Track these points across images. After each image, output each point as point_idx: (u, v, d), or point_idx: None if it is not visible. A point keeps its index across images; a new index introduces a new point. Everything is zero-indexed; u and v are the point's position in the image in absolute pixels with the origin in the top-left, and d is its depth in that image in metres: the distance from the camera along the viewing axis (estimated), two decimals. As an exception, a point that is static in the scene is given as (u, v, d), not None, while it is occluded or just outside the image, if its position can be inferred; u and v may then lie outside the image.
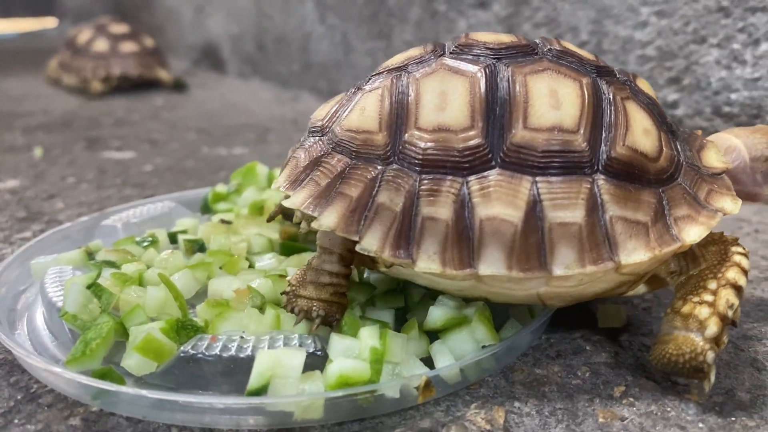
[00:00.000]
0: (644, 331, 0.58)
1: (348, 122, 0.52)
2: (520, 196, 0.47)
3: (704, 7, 0.91)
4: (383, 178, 0.49)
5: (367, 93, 0.53)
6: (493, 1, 1.25)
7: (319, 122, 0.55)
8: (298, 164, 0.53)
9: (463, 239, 0.47)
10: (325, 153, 0.52)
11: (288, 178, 0.53)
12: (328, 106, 0.56)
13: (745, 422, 0.46)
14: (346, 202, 0.49)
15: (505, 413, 0.47)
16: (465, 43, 0.53)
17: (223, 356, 0.47)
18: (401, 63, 0.53)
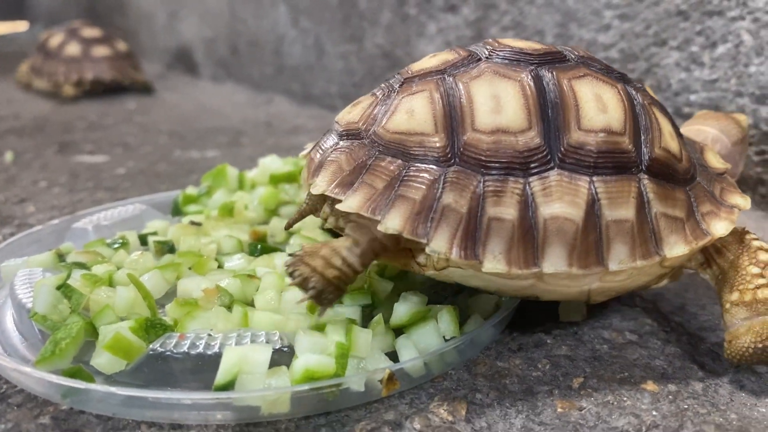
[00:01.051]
0: (603, 325, 0.60)
1: (394, 125, 0.52)
2: (580, 195, 0.50)
3: (664, 10, 0.93)
4: (446, 180, 0.49)
5: (410, 95, 0.53)
6: (462, 5, 1.27)
7: (353, 125, 0.54)
8: (342, 167, 0.52)
9: (528, 239, 0.49)
10: (372, 155, 0.51)
11: (333, 182, 0.51)
12: (358, 108, 0.55)
13: (697, 409, 0.48)
14: (409, 204, 0.49)
15: (467, 405, 0.49)
16: (500, 48, 0.55)
17: (191, 353, 0.48)
18: (438, 67, 0.54)
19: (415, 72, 0.55)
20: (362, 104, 0.56)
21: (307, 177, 0.55)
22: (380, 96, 0.55)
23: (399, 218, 0.48)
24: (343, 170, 0.51)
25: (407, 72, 0.56)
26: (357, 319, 0.53)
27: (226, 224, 0.72)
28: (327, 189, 0.51)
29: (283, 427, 0.46)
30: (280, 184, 0.82)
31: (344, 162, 0.52)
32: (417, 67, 0.56)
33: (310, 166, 0.55)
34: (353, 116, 0.55)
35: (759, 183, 0.88)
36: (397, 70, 1.46)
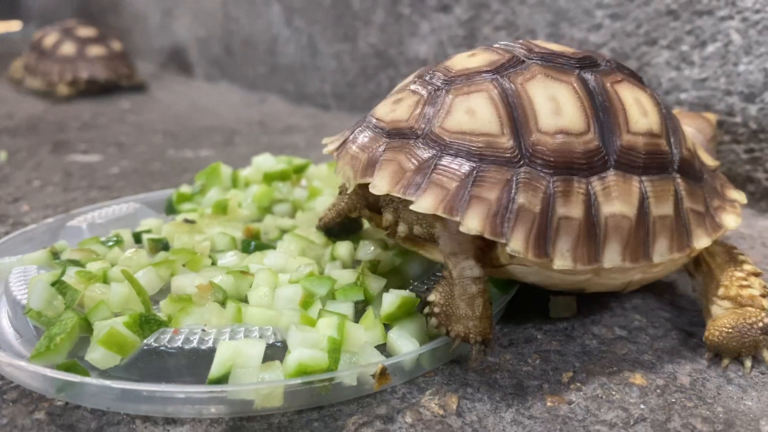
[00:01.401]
0: (593, 321, 0.61)
1: (454, 125, 0.51)
2: (633, 194, 0.53)
3: (655, 10, 0.94)
4: (518, 181, 0.50)
5: (465, 95, 0.52)
6: (455, 5, 1.28)
7: (401, 123, 0.53)
8: (402, 166, 0.50)
9: (591, 236, 0.51)
10: (435, 155, 0.51)
11: (397, 182, 0.50)
12: (403, 106, 0.54)
13: (684, 403, 0.49)
14: (485, 204, 0.48)
15: (458, 399, 0.49)
16: (538, 50, 0.56)
17: (185, 348, 0.49)
18: (485, 67, 0.54)
19: (459, 71, 0.54)
20: (405, 102, 0.54)
21: (353, 176, 0.53)
22: (425, 95, 0.54)
23: (477, 218, 0.48)
24: (405, 170, 0.50)
25: (447, 71, 0.55)
26: (350, 314, 0.54)
27: (220, 222, 0.73)
28: (393, 189, 0.50)
29: (276, 421, 0.47)
30: (274, 182, 0.83)
31: (404, 161, 0.51)
32: (459, 66, 0.55)
33: (354, 164, 0.53)
34: (400, 114, 0.54)
35: (748, 181, 0.89)
36: (390, 69, 1.47)
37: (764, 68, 0.84)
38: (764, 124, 0.85)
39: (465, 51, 0.59)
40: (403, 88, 0.57)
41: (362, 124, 0.57)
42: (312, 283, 0.57)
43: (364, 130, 0.55)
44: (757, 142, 0.86)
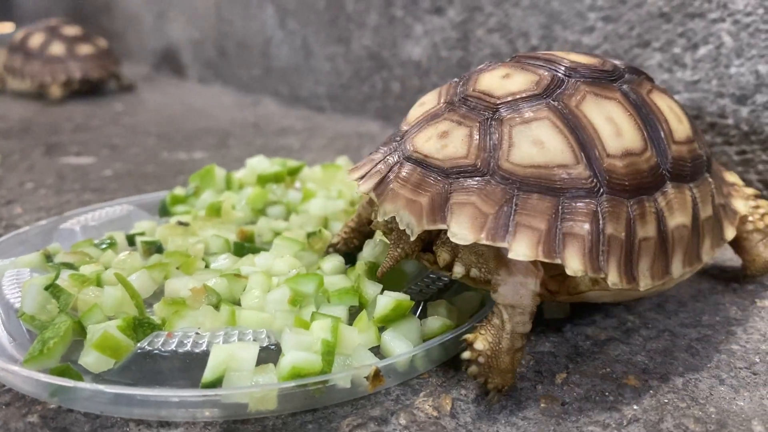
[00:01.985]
0: (586, 322, 0.61)
1: (525, 158, 0.49)
2: (687, 202, 0.54)
3: (647, 12, 0.95)
4: (603, 211, 0.48)
5: (525, 124, 0.50)
6: (448, 8, 1.28)
7: (461, 160, 0.49)
8: (480, 209, 0.47)
9: (662, 251, 0.52)
10: (513, 194, 0.48)
11: (480, 228, 0.47)
12: (456, 140, 0.50)
13: (677, 404, 0.49)
14: (579, 242, 0.47)
15: (452, 401, 0.49)
16: (574, 66, 0.54)
17: (179, 352, 0.49)
18: (532, 89, 0.52)
19: (503, 96, 0.52)
20: (456, 135, 0.51)
21: (416, 222, 0.48)
22: (476, 126, 0.51)
23: (577, 258, 0.47)
24: (484, 213, 0.47)
25: (488, 96, 0.52)
26: (344, 317, 0.54)
27: (214, 224, 0.73)
28: (479, 237, 0.46)
29: (270, 424, 0.47)
30: (268, 185, 0.83)
31: (479, 204, 0.47)
32: (500, 90, 0.52)
33: (413, 208, 0.49)
34: (456, 150, 0.50)
35: (740, 182, 0.89)
36: (384, 71, 1.47)
37: (756, 70, 0.84)
38: (756, 126, 0.85)
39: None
40: (433, 116, 0.53)
41: (399, 157, 0.52)
42: (298, 283, 0.57)
43: (409, 166, 0.51)
44: (748, 144, 0.87)
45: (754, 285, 0.69)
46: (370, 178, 0.53)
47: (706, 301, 0.65)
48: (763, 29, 0.82)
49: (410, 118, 0.57)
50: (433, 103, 0.56)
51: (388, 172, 0.52)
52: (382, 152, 0.55)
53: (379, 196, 0.51)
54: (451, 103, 0.54)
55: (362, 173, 0.54)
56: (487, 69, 0.56)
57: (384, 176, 0.52)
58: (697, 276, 0.71)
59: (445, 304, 0.56)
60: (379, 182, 0.52)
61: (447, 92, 0.56)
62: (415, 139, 0.52)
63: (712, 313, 0.63)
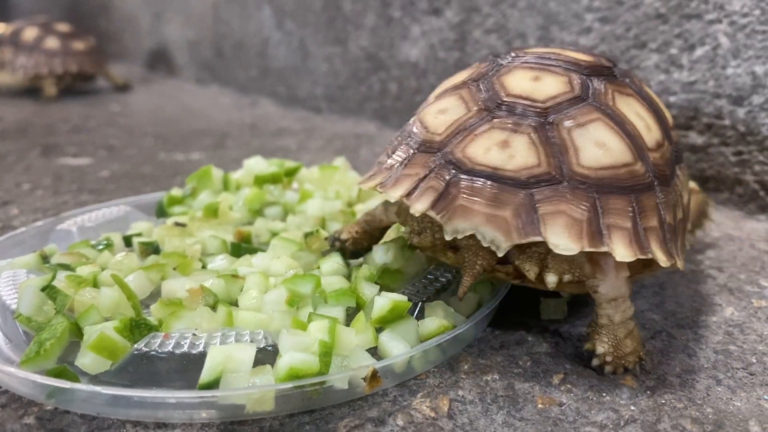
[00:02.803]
0: (584, 323, 0.61)
1: (593, 161, 0.50)
2: (687, 182, 0.60)
3: (644, 13, 0.95)
4: (660, 202, 0.52)
5: (582, 127, 0.51)
6: (446, 8, 1.28)
7: (536, 169, 0.49)
8: (574, 217, 0.48)
9: (683, 231, 0.57)
10: (593, 197, 0.49)
11: (579, 236, 0.47)
12: (523, 149, 0.50)
13: (674, 404, 0.49)
14: (658, 234, 0.50)
15: (450, 401, 0.49)
16: (586, 65, 0.56)
17: (176, 353, 0.49)
18: (571, 91, 0.53)
19: (547, 100, 0.52)
20: (518, 145, 0.50)
21: (505, 237, 0.47)
22: (532, 132, 0.50)
23: (661, 252, 0.50)
24: (577, 220, 0.48)
25: (530, 100, 0.52)
26: (341, 318, 0.54)
27: (211, 225, 0.73)
28: (582, 246, 0.47)
29: (268, 425, 0.47)
30: (265, 185, 0.83)
31: (570, 211, 0.48)
32: (542, 95, 0.53)
33: (498, 224, 0.48)
34: (526, 160, 0.49)
35: (736, 183, 0.90)
36: (382, 72, 1.47)
37: (752, 71, 0.84)
38: (752, 127, 0.86)
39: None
40: (474, 124, 0.52)
41: (454, 171, 0.50)
42: (296, 284, 0.57)
43: (475, 180, 0.49)
44: (745, 144, 0.87)
45: (751, 286, 0.69)
46: (422, 195, 0.50)
47: (703, 302, 0.65)
48: (759, 30, 0.83)
49: (437, 127, 0.54)
50: (460, 110, 0.54)
51: (446, 187, 0.50)
52: (420, 165, 0.52)
53: (444, 214, 0.49)
54: (489, 110, 0.53)
55: (406, 189, 0.51)
56: (506, 72, 0.56)
57: (442, 193, 0.50)
58: (694, 277, 0.71)
59: (442, 305, 0.56)
60: (437, 199, 0.50)
61: (473, 98, 0.54)
62: (467, 150, 0.51)
63: (709, 313, 0.63)
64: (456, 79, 0.60)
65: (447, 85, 0.60)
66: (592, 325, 0.53)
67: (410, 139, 0.56)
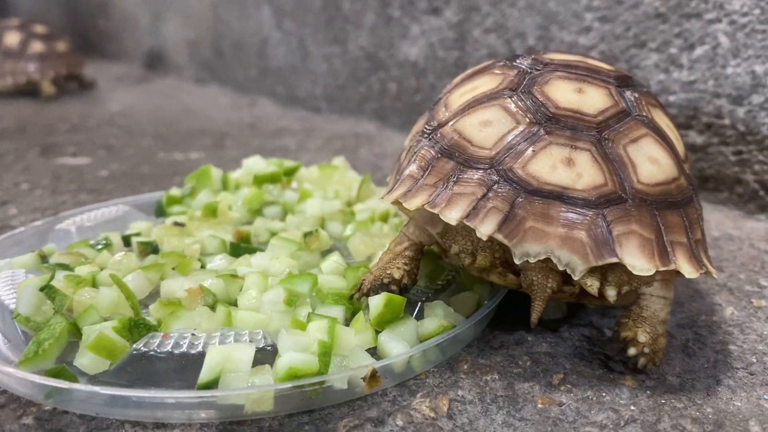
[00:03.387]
0: (583, 322, 0.61)
1: (650, 177, 0.51)
2: None
3: (643, 13, 0.95)
4: (699, 213, 0.54)
5: (634, 143, 0.51)
6: (445, 8, 1.28)
7: (604, 188, 0.49)
8: (645, 237, 0.48)
9: None
10: (655, 214, 0.50)
11: (652, 257, 0.48)
12: (586, 167, 0.49)
13: (674, 404, 0.49)
14: (704, 246, 0.54)
15: (449, 401, 0.49)
16: (615, 75, 0.56)
17: (175, 353, 0.48)
18: (616, 105, 0.53)
19: (598, 114, 0.52)
20: (582, 161, 0.50)
21: (582, 260, 0.47)
22: (595, 149, 0.50)
23: (711, 265, 0.53)
24: (648, 239, 0.48)
25: (581, 114, 0.52)
26: (339, 318, 0.54)
27: (210, 225, 0.72)
28: (656, 265, 0.48)
29: (267, 426, 0.47)
30: (264, 185, 0.83)
31: (640, 230, 0.48)
32: (590, 109, 0.52)
33: (574, 246, 0.47)
34: (594, 179, 0.49)
35: (736, 182, 0.90)
36: (381, 71, 1.47)
37: (752, 71, 0.84)
38: (752, 127, 0.86)
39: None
40: (528, 138, 0.51)
41: (515, 190, 0.49)
42: (293, 283, 0.57)
43: (544, 200, 0.48)
44: (745, 144, 0.87)
45: (751, 285, 0.69)
46: (486, 217, 0.48)
47: (703, 301, 0.65)
48: (759, 30, 0.83)
49: (483, 141, 0.52)
50: (507, 123, 0.52)
51: (511, 208, 0.48)
52: (474, 183, 0.50)
53: (512, 237, 0.48)
54: (540, 124, 0.51)
55: (464, 211, 0.49)
56: (545, 82, 0.54)
57: (507, 214, 0.48)
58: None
59: (442, 305, 0.56)
60: (503, 221, 0.48)
61: (518, 110, 0.53)
62: (530, 168, 0.49)
63: (709, 313, 0.63)
64: (481, 86, 0.57)
65: (473, 93, 0.57)
66: (632, 316, 0.53)
67: (448, 152, 0.53)
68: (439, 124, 0.57)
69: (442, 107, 0.59)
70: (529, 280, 0.52)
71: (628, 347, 0.51)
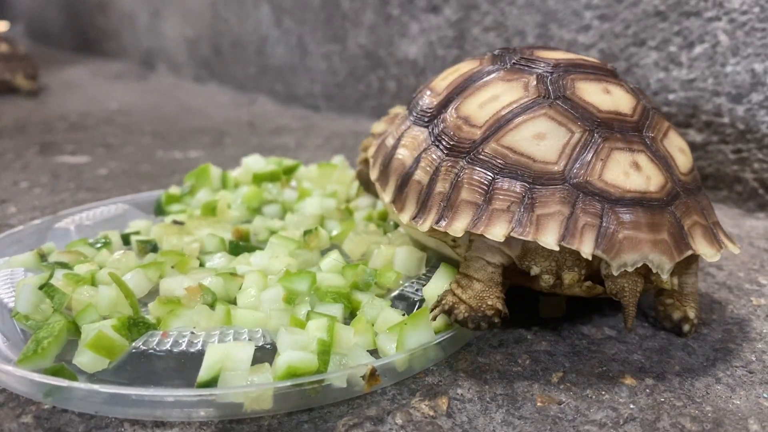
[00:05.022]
0: (583, 321, 0.61)
1: (685, 167, 0.55)
2: None
3: (643, 11, 0.94)
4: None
5: (668, 135, 0.56)
6: (444, 6, 1.28)
7: (667, 186, 0.51)
8: (702, 224, 0.53)
9: None
10: (698, 201, 0.54)
11: (713, 241, 0.53)
12: (650, 168, 0.52)
13: (673, 402, 0.49)
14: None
15: (449, 400, 0.49)
16: (611, 69, 0.59)
17: (174, 351, 0.48)
18: (636, 101, 0.56)
19: (633, 114, 0.54)
20: (644, 163, 0.51)
21: (669, 259, 0.49)
22: (646, 149, 0.52)
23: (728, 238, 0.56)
24: (706, 227, 0.53)
25: (623, 115, 0.54)
26: (338, 316, 0.54)
27: (209, 223, 0.72)
28: (718, 249, 0.52)
29: (266, 424, 0.47)
30: (263, 184, 0.83)
31: (700, 219, 0.53)
32: (626, 109, 0.54)
33: (660, 248, 0.49)
34: (659, 180, 0.51)
35: (736, 181, 0.90)
36: (380, 70, 1.47)
37: (751, 69, 0.84)
38: (751, 125, 0.86)
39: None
40: (586, 147, 0.51)
41: (600, 202, 0.50)
42: (291, 281, 0.56)
43: (630, 209, 0.49)
44: (744, 142, 0.87)
45: (750, 284, 0.69)
46: (583, 235, 0.49)
47: (702, 299, 0.65)
48: (758, 28, 0.83)
49: (546, 156, 0.52)
50: (563, 133, 0.52)
51: (601, 221, 0.49)
52: (556, 202, 0.50)
53: (610, 250, 0.48)
54: (592, 131, 0.52)
55: (559, 233, 0.49)
56: (572, 85, 0.55)
57: (599, 228, 0.49)
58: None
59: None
60: (597, 237, 0.49)
61: (566, 118, 0.53)
62: (606, 177, 0.50)
63: (708, 311, 0.63)
64: (503, 95, 0.56)
65: (496, 103, 0.56)
66: (675, 296, 0.58)
67: (510, 172, 0.52)
68: (473, 141, 0.54)
69: (460, 122, 0.56)
70: (619, 287, 0.52)
71: (683, 326, 0.57)
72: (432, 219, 0.53)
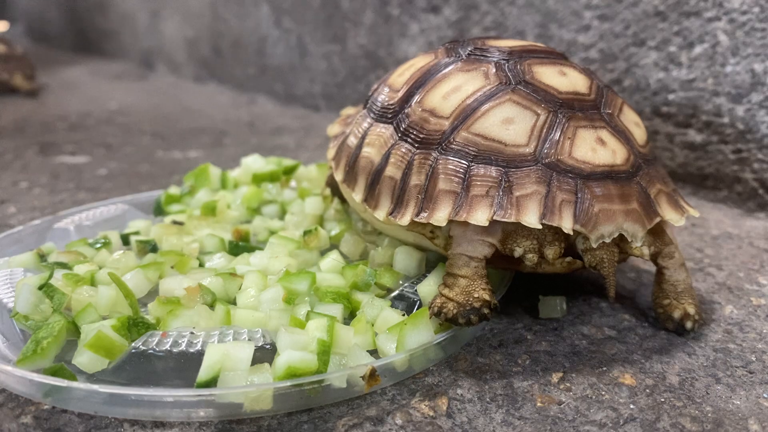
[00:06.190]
0: (583, 321, 0.61)
1: (641, 140, 0.57)
2: None
3: (643, 11, 0.94)
4: None
5: (623, 110, 0.58)
6: (444, 6, 1.28)
7: (631, 158, 0.54)
8: (667, 192, 0.56)
9: None
10: (657, 170, 0.57)
11: (676, 206, 0.56)
12: (614, 143, 0.54)
13: (673, 403, 0.49)
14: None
15: (449, 400, 0.49)
16: (561, 53, 0.62)
17: (174, 351, 0.48)
18: (591, 82, 0.58)
19: (590, 94, 0.57)
20: (607, 139, 0.54)
21: (641, 227, 0.52)
22: (607, 125, 0.55)
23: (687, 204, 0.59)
24: (669, 194, 0.56)
25: (582, 95, 0.56)
26: (338, 316, 0.54)
27: (209, 223, 0.72)
28: (682, 215, 0.55)
29: (266, 424, 0.47)
30: (263, 184, 0.82)
31: (663, 187, 0.56)
32: (583, 89, 0.56)
33: (633, 217, 0.52)
34: (622, 153, 0.53)
35: (735, 181, 0.90)
36: (380, 70, 1.47)
37: (751, 69, 0.84)
38: (751, 125, 0.85)
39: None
40: (552, 126, 0.53)
41: (573, 179, 0.51)
42: (291, 281, 0.56)
43: (600, 182, 0.52)
44: (744, 142, 0.87)
45: (750, 284, 0.69)
46: (562, 212, 0.50)
47: (702, 299, 0.65)
48: (758, 28, 0.82)
49: (517, 139, 0.53)
50: (529, 117, 0.53)
51: (577, 196, 0.51)
52: (532, 182, 0.51)
53: (588, 223, 0.50)
54: (555, 112, 0.54)
55: (539, 212, 0.50)
56: (529, 70, 0.57)
57: (576, 203, 0.51)
58: (693, 275, 0.71)
59: (441, 303, 0.56)
60: (575, 212, 0.51)
61: (529, 101, 0.54)
62: (576, 155, 0.52)
63: (708, 311, 0.63)
64: (465, 85, 0.57)
65: (459, 93, 0.57)
66: (671, 294, 0.58)
67: (483, 158, 0.53)
68: (443, 132, 0.55)
69: (426, 115, 0.57)
70: (598, 259, 0.54)
71: (685, 323, 0.57)
72: (411, 212, 0.54)
